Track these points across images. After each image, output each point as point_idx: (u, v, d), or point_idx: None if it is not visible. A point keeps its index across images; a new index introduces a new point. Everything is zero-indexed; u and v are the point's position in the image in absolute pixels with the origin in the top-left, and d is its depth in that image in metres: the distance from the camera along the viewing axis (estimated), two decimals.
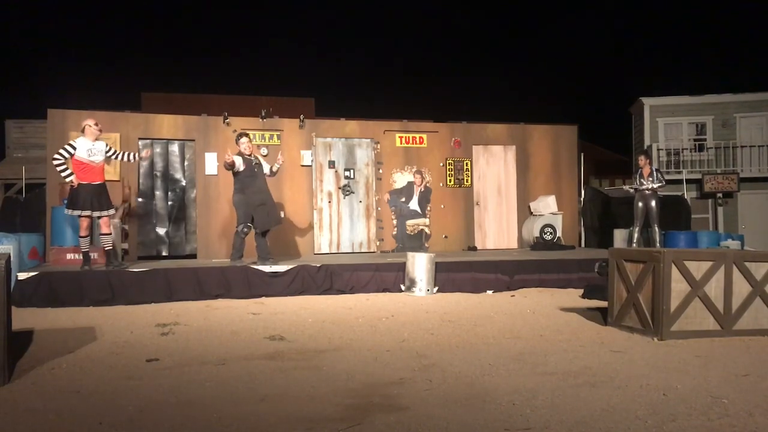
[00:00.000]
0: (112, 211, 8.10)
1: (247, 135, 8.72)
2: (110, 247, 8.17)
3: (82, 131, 7.92)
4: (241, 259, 8.51)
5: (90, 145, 7.85)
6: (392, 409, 3.39)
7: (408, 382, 3.94)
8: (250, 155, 8.51)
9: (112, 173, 10.63)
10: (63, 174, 7.81)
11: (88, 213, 7.80)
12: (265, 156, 11.25)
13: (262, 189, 8.50)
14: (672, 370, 4.21)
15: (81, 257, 8.20)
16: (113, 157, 8.11)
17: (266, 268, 8.22)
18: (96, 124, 7.95)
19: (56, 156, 7.78)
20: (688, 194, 15.48)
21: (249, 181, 8.38)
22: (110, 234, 8.13)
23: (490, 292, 8.47)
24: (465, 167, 12.39)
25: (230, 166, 8.33)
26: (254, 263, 8.37)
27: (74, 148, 7.77)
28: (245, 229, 8.43)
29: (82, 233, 7.98)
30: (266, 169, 8.75)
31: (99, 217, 7.95)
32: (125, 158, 8.22)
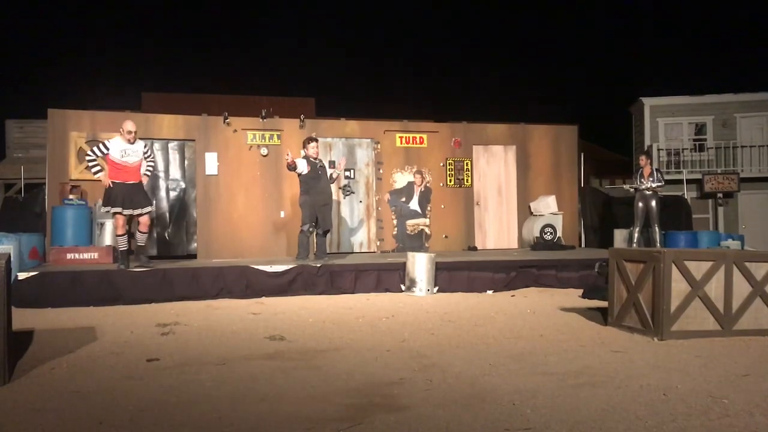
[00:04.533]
0: (148, 209, 8.16)
1: (316, 140, 9.18)
2: (142, 245, 8.34)
3: (120, 132, 8.05)
4: (307, 257, 8.89)
5: (124, 146, 7.95)
6: (392, 409, 3.39)
7: (408, 382, 3.94)
8: (315, 159, 8.96)
9: None
10: (92, 171, 8.02)
11: (119, 210, 7.91)
12: (265, 156, 11.28)
13: (325, 191, 8.97)
14: (672, 370, 4.21)
15: (119, 255, 8.28)
16: (147, 158, 8.18)
17: (268, 268, 8.23)
18: (128, 132, 7.93)
19: (89, 153, 8.02)
20: (689, 194, 15.48)
21: (313, 183, 8.84)
22: (147, 233, 8.32)
23: (490, 292, 8.47)
24: (465, 167, 12.39)
25: (291, 167, 8.80)
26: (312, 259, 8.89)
27: (107, 148, 7.91)
28: (310, 229, 8.87)
29: (118, 232, 8.12)
30: (329, 172, 9.25)
31: (139, 215, 8.09)
32: (145, 169, 8.24)
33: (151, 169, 8.35)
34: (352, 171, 11.78)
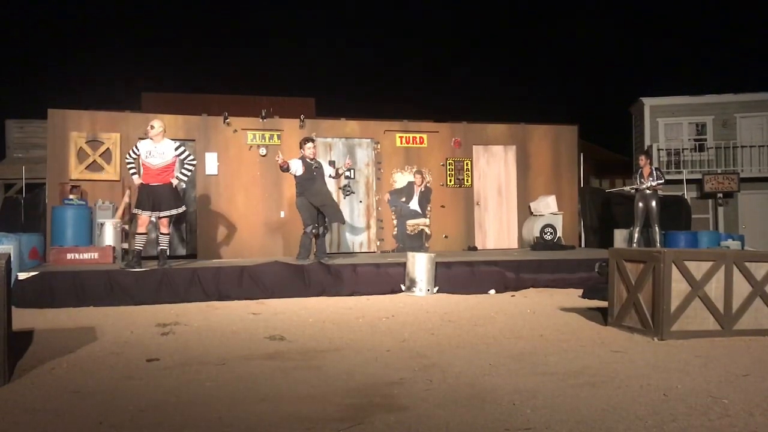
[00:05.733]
0: (167, 212, 8.14)
1: (312, 140, 9.17)
2: (164, 247, 8.35)
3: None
4: (308, 257, 8.93)
5: (150, 147, 8.01)
6: (392, 409, 3.39)
7: (408, 382, 3.94)
8: (312, 159, 8.95)
9: (112, 173, 10.66)
10: (130, 173, 8.25)
11: (138, 212, 8.01)
12: (264, 156, 11.28)
13: (320, 191, 8.93)
14: (672, 370, 4.21)
15: (125, 252, 8.31)
16: (185, 160, 8.18)
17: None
18: (151, 127, 8.03)
19: (126, 157, 8.31)
20: (689, 194, 15.48)
21: (308, 184, 8.84)
22: (168, 234, 8.36)
23: (491, 292, 8.45)
24: (465, 167, 12.39)
25: (284, 168, 8.83)
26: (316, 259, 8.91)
27: (138, 149, 8.04)
28: (313, 230, 8.87)
29: (137, 230, 8.18)
30: (327, 171, 9.26)
31: (158, 218, 8.15)
32: (182, 170, 8.24)
33: (187, 170, 8.28)
34: (352, 171, 11.77)
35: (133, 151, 8.08)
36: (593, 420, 3.19)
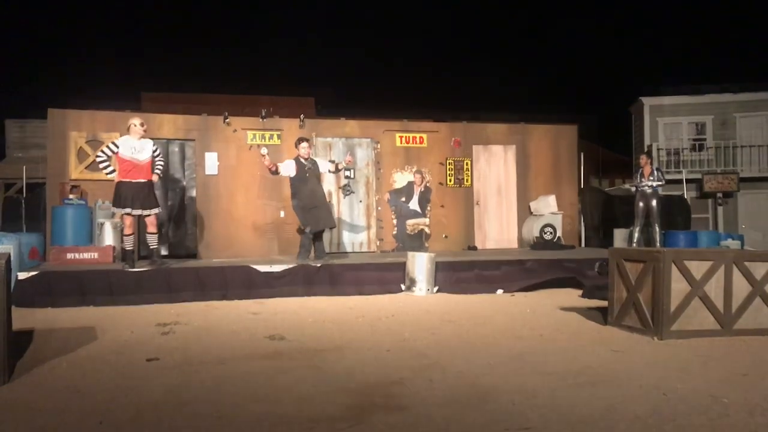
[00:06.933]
0: (155, 210, 8.11)
1: (307, 140, 9.09)
2: (155, 246, 8.30)
3: (128, 130, 8.01)
4: (307, 257, 8.89)
5: (134, 144, 7.93)
6: (392, 409, 3.39)
7: (408, 381, 3.94)
8: (306, 159, 8.87)
9: None
10: (105, 171, 8.02)
11: (128, 211, 7.89)
12: (266, 155, 11.26)
13: (311, 193, 8.83)
14: (672, 370, 4.21)
15: (123, 255, 8.27)
16: (156, 158, 8.12)
17: (268, 268, 8.24)
18: (141, 124, 7.99)
19: (99, 153, 8.03)
20: (688, 194, 15.49)
21: (300, 185, 8.79)
22: (156, 233, 8.27)
23: (499, 292, 8.44)
24: (465, 167, 12.38)
25: (273, 171, 8.77)
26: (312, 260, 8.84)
27: (117, 146, 7.90)
28: (312, 230, 8.80)
29: (126, 231, 8.09)
30: (324, 167, 9.16)
31: (145, 216, 8.06)
32: (156, 168, 8.16)
33: (161, 166, 8.26)
34: (352, 171, 11.77)
35: (110, 148, 7.86)
36: (593, 420, 3.20)
